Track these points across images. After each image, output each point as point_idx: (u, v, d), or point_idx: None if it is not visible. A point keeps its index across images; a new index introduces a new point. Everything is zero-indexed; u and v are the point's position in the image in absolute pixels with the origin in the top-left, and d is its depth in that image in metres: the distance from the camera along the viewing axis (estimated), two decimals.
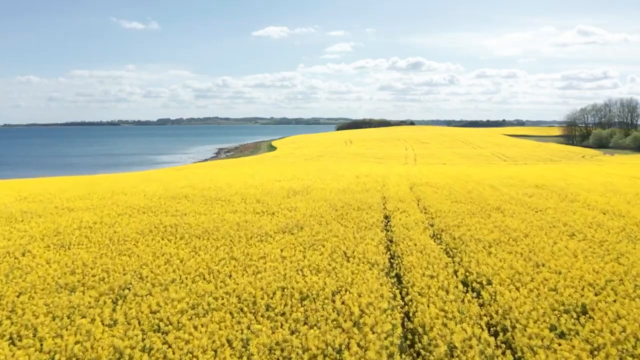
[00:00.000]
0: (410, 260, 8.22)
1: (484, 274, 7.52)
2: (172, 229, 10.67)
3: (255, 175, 22.98)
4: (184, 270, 7.76)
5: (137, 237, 9.93)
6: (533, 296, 6.70)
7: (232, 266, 8.00)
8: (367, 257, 8.27)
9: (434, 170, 28.73)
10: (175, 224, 11.12)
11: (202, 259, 8.31)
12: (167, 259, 8.39)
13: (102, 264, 8.18)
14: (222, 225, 10.77)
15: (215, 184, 18.63)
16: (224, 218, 11.67)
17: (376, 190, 17.18)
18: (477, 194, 16.13)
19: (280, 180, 20.80)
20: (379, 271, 7.67)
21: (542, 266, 7.93)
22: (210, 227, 10.62)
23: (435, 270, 7.68)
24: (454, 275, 7.61)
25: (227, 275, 7.57)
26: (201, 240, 9.67)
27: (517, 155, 61.53)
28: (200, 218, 11.78)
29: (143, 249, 9.13)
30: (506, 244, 9.41)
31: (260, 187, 17.82)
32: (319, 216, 12.04)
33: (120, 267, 7.99)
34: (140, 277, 7.52)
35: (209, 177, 22.22)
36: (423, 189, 17.68)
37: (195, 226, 10.81)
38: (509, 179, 21.55)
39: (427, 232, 10.49)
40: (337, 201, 14.10)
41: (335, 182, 19.86)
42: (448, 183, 19.31)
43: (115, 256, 8.66)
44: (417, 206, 14.02)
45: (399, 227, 10.82)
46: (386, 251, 9.06)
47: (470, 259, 8.33)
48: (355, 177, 22.47)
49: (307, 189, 17.39)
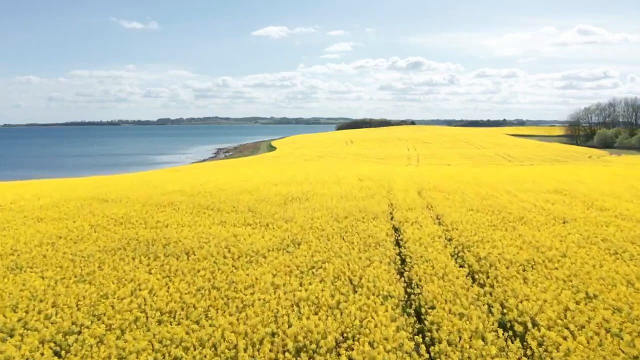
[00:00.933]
0: (430, 290, 6.71)
1: (526, 311, 6.00)
2: (147, 246, 9.16)
3: (250, 179, 21.47)
4: (152, 305, 6.25)
5: (103, 258, 8.42)
6: (594, 345, 5.20)
7: (212, 298, 6.50)
8: (378, 286, 6.75)
9: (441, 173, 27.20)
10: (153, 238, 9.60)
11: (176, 289, 6.80)
12: (134, 288, 6.87)
13: (55, 295, 6.68)
14: (206, 242, 9.26)
15: (206, 188, 17.11)
16: (210, 232, 10.15)
17: (382, 196, 15.66)
18: (493, 200, 14.61)
19: (277, 184, 19.28)
20: (393, 306, 6.16)
21: (594, 299, 6.42)
22: (193, 243, 9.11)
23: (464, 305, 6.17)
24: (489, 314, 6.09)
25: (204, 312, 6.06)
26: (179, 261, 8.15)
27: (521, 156, 60.00)
28: (183, 231, 10.25)
29: (108, 272, 7.62)
30: (542, 266, 7.89)
31: (255, 193, 16.30)
32: (319, 229, 10.53)
33: (74, 299, 6.49)
34: (95, 316, 6.01)
35: (201, 180, 20.71)
36: (433, 194, 16.16)
37: (174, 242, 9.30)
38: (523, 183, 20.03)
39: (446, 250, 8.97)
40: (339, 210, 12.59)
41: (337, 186, 18.35)
42: (459, 188, 17.79)
43: (72, 284, 7.14)
44: (429, 215, 12.50)
45: (412, 243, 9.31)
46: (400, 276, 7.54)
47: (504, 289, 6.81)
48: (358, 180, 20.96)
49: (306, 194, 15.88)
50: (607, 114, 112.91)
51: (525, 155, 60.38)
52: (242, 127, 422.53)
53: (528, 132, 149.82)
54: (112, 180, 21.72)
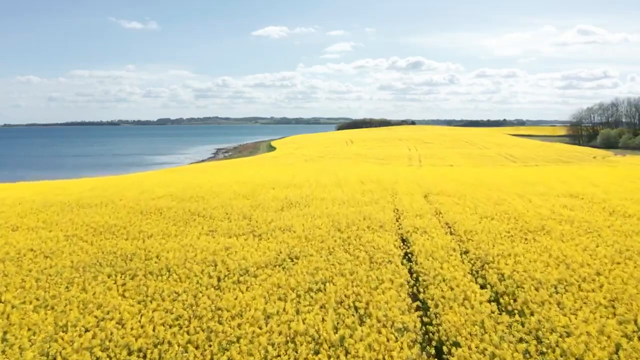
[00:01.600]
0: (451, 320, 5.66)
1: (571, 350, 4.95)
2: (126, 261, 8.11)
3: (247, 181, 20.41)
4: (118, 341, 5.20)
5: (73, 276, 7.37)
6: None
7: (193, 331, 5.45)
8: (390, 316, 5.70)
9: (445, 174, 26.13)
10: (133, 252, 8.56)
11: (148, 319, 5.75)
12: (100, 319, 5.82)
13: (6, 326, 5.64)
14: (192, 256, 8.21)
15: (198, 193, 16.06)
16: (197, 244, 9.10)
17: (386, 200, 14.61)
18: (507, 206, 13.55)
19: (275, 187, 18.23)
20: (410, 343, 5.12)
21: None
22: (176, 259, 8.06)
23: (494, 341, 5.13)
24: (525, 354, 5.04)
25: (181, 352, 5.01)
26: (159, 281, 7.11)
27: (524, 156, 58.91)
28: (167, 243, 9.21)
29: (75, 295, 6.58)
30: (576, 287, 6.85)
31: (251, 197, 15.26)
32: (319, 239, 9.49)
33: (27, 333, 5.44)
34: (45, 356, 4.97)
35: (194, 182, 19.66)
36: (441, 199, 15.10)
37: (156, 257, 8.26)
38: (534, 186, 18.98)
39: (463, 266, 7.93)
40: (341, 217, 11.54)
41: (338, 189, 17.30)
42: (468, 191, 16.74)
43: (30, 310, 6.10)
44: (439, 223, 11.44)
45: (425, 258, 8.26)
46: (413, 300, 6.50)
47: (538, 318, 5.76)
48: (360, 182, 19.91)
49: (305, 199, 14.83)
50: (610, 113, 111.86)
51: (528, 156, 59.29)
52: (242, 127, 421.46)
53: (529, 132, 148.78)
54: (102, 183, 20.68)
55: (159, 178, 23.80)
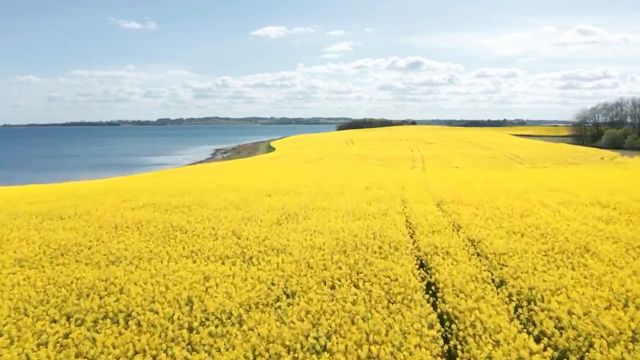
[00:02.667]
0: None
1: None
2: (80, 297, 6.46)
3: (241, 187, 18.74)
4: None
5: (5, 322, 5.72)
6: None
7: None
8: None
9: (455, 179, 24.44)
10: (91, 286, 6.90)
11: None
12: None
13: None
14: (161, 292, 6.55)
15: (185, 201, 14.39)
16: (173, 273, 7.43)
17: (396, 211, 12.95)
18: (535, 218, 11.88)
19: (271, 194, 16.57)
20: None
21: None
22: (142, 297, 6.40)
23: None
24: None
25: None
26: (110, 332, 5.44)
27: (531, 157, 57.16)
28: (136, 272, 7.54)
29: None
30: None
31: (244, 206, 13.61)
32: (321, 266, 7.83)
33: None
34: None
35: (183, 188, 17.99)
36: (457, 208, 13.44)
37: (119, 292, 6.61)
38: (556, 192, 17.33)
39: (505, 306, 6.26)
40: (346, 234, 9.87)
41: (341, 197, 15.64)
42: (485, 199, 15.08)
43: None
44: (461, 241, 9.78)
45: (453, 295, 6.61)
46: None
47: None
48: (365, 188, 18.24)
49: (304, 209, 13.18)
50: (614, 113, 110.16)
51: (534, 157, 57.53)
52: (242, 127, 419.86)
53: (531, 132, 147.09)
54: (83, 189, 18.99)
55: (147, 183, 22.13)
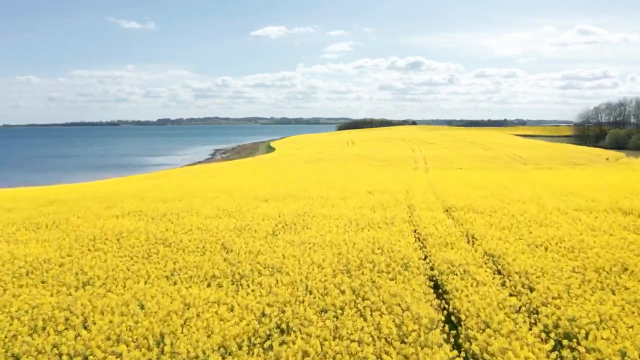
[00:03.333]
0: None
1: None
2: (32, 333, 5.39)
3: (236, 191, 17.67)
4: None
5: None
6: None
7: None
8: None
9: (462, 181, 23.33)
10: (48, 317, 5.83)
11: None
12: None
13: None
14: (131, 326, 5.47)
15: (174, 209, 13.31)
16: (147, 299, 6.36)
17: (403, 219, 11.86)
18: (556, 229, 10.79)
19: (267, 199, 15.50)
20: None
21: None
22: (105, 333, 5.31)
23: None
24: None
25: None
26: None
27: (535, 157, 55.99)
28: (104, 298, 6.45)
29: None
30: None
31: (237, 214, 12.53)
32: (321, 289, 6.75)
33: None
34: None
35: (175, 194, 16.92)
36: (469, 217, 12.34)
37: (82, 327, 5.53)
38: (570, 197, 16.26)
39: (542, 345, 5.18)
40: (349, 247, 8.79)
41: (343, 202, 14.58)
42: (498, 205, 13.99)
43: None
44: (478, 256, 8.68)
45: (478, 329, 5.53)
46: None
47: None
48: (368, 192, 17.17)
49: (303, 217, 12.11)
50: (618, 113, 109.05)
51: (538, 157, 56.39)
52: (242, 127, 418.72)
53: (533, 132, 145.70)
54: (69, 194, 17.87)
55: (138, 186, 21.04)
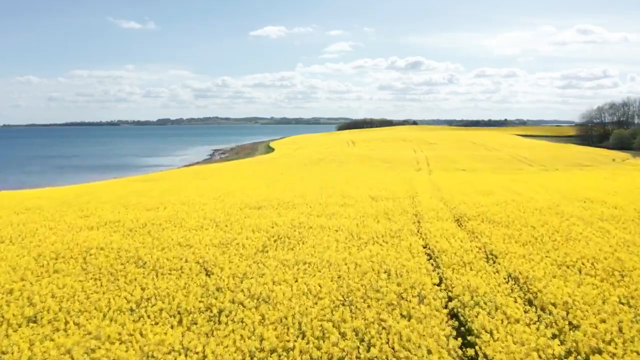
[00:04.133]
0: None
1: None
2: None
3: (227, 196, 16.37)
4: None
5: None
6: None
7: None
8: None
9: (469, 185, 21.97)
10: None
11: None
12: None
13: None
14: None
15: (157, 217, 12.03)
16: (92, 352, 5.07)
17: (411, 232, 10.58)
18: (584, 244, 9.49)
19: (261, 206, 14.22)
20: None
21: None
22: None
23: None
24: None
25: None
26: None
27: (541, 159, 54.62)
28: (43, 344, 5.18)
29: None
30: None
31: (224, 225, 11.23)
32: (317, 332, 5.46)
33: None
34: None
35: (162, 199, 15.63)
36: (484, 228, 11.04)
37: None
38: (590, 204, 14.98)
39: None
40: (351, 270, 7.50)
41: (343, 210, 13.29)
42: (514, 215, 12.68)
43: None
44: (503, 280, 7.37)
45: None
46: None
47: None
48: (370, 198, 15.88)
49: (298, 228, 10.82)
50: (621, 113, 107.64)
51: (543, 158, 55.01)
52: (242, 127, 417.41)
53: (535, 132, 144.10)
54: (47, 201, 16.56)
55: (125, 190, 19.74)
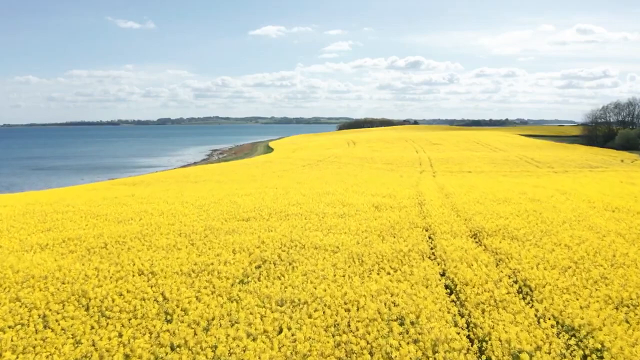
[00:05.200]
0: None
1: None
2: None
3: (214, 205, 14.62)
4: None
5: None
6: None
7: None
8: None
9: (481, 190, 20.09)
10: None
11: None
12: None
13: None
14: None
15: (125, 233, 10.27)
16: None
17: (422, 253, 8.81)
18: (635, 271, 7.76)
19: (249, 217, 12.47)
20: None
21: None
22: None
23: None
24: None
25: None
26: None
27: (549, 160, 52.76)
28: None
29: None
30: None
31: (200, 244, 9.49)
32: None
33: None
34: None
35: (135, 210, 13.88)
36: (510, 248, 9.28)
37: None
38: (620, 214, 13.26)
39: None
40: (352, 317, 5.77)
41: (343, 224, 11.53)
42: (540, 229, 10.92)
43: None
44: (549, 329, 5.65)
45: None
46: None
47: None
48: (374, 208, 14.12)
49: (289, 248, 9.07)
50: (627, 113, 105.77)
51: (551, 159, 53.17)
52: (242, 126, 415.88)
53: (539, 132, 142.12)
54: (4, 209, 14.84)
55: (100, 197, 17.96)
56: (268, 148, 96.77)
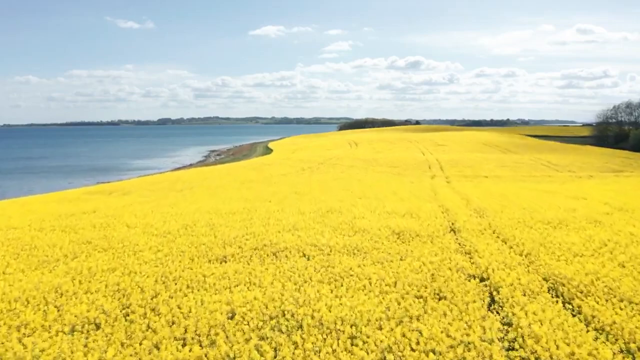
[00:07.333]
0: None
1: None
2: None
3: (182, 234, 11.23)
4: None
5: None
6: None
7: None
8: None
9: (515, 203, 16.54)
10: None
11: None
12: None
13: None
14: None
15: (42, 282, 6.91)
16: None
17: (500, 346, 5.43)
18: None
19: (226, 255, 9.07)
20: None
21: None
22: None
23: None
24: None
25: None
26: None
27: (566, 162, 49.26)
28: None
29: None
30: None
31: (137, 317, 6.13)
32: None
33: None
34: None
35: (74, 240, 10.51)
36: (620, 321, 5.89)
37: None
38: None
39: None
40: None
41: (356, 267, 8.14)
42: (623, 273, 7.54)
43: None
44: None
45: None
46: None
47: None
48: (394, 235, 10.70)
49: (277, 307, 5.69)
50: (639, 113, 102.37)
51: (569, 162, 49.64)
52: (242, 127, 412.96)
53: (547, 132, 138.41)
54: None
55: (46, 215, 14.52)
56: (267, 149, 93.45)
